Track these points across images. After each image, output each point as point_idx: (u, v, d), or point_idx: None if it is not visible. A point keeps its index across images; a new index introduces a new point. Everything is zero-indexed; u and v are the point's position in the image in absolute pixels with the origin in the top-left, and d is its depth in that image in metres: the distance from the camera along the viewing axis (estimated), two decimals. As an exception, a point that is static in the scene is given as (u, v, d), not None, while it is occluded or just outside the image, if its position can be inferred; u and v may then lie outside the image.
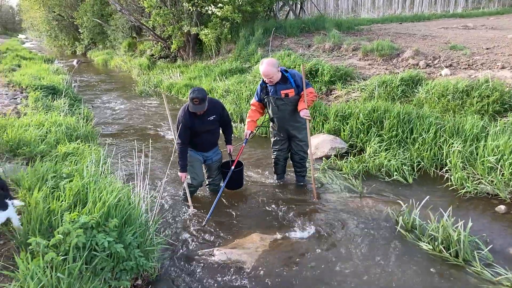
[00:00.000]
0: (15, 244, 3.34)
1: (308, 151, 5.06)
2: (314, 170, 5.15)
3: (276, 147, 5.28)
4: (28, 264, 2.75)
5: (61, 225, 3.04)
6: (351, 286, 3.44)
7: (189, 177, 4.94)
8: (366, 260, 3.78)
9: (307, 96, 4.73)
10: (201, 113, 4.52)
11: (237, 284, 3.51)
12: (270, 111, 5.04)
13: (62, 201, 3.53)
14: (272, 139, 5.33)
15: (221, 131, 5.02)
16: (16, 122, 6.24)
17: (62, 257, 2.85)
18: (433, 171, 5.62)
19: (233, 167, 4.90)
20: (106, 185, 3.80)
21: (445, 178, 5.39)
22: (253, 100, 5.09)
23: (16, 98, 9.46)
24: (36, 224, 3.28)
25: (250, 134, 5.10)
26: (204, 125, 4.62)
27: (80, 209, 3.40)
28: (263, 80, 4.85)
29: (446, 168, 5.48)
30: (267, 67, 4.61)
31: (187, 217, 4.73)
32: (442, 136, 5.83)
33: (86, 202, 3.53)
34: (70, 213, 3.18)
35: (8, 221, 3.54)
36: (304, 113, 4.69)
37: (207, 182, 5.27)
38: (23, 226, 3.36)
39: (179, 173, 4.72)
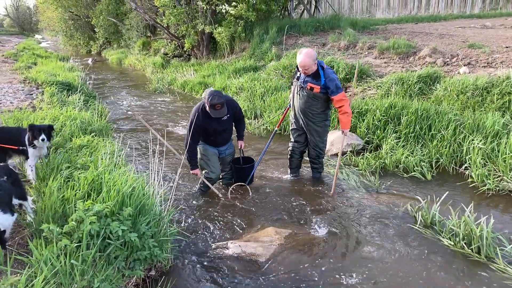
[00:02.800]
0: (29, 232, 3.32)
1: (338, 149, 4.98)
2: (331, 166, 5.04)
3: (293, 137, 5.23)
4: (42, 250, 2.72)
5: (75, 214, 3.01)
6: (368, 282, 3.34)
7: (206, 171, 4.90)
8: (384, 255, 3.68)
9: (342, 108, 4.69)
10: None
11: (251, 277, 3.44)
12: (291, 96, 5.05)
13: (76, 190, 3.50)
14: (290, 128, 5.29)
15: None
16: (31, 116, 6.26)
17: (76, 245, 2.82)
18: (452, 168, 5.49)
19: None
20: (120, 175, 3.76)
21: (465, 175, 5.26)
22: None
23: (31, 94, 9.54)
24: (50, 212, 3.26)
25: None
26: (218, 125, 4.63)
27: (94, 198, 3.38)
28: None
29: (466, 165, 5.34)
30: (304, 58, 4.52)
31: (202, 209, 4.68)
32: (462, 132, 5.70)
33: (100, 191, 3.50)
34: (84, 202, 3.15)
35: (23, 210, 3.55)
36: (344, 132, 4.92)
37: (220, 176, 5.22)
38: (37, 215, 3.34)
39: (192, 172, 4.74)
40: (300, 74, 4.83)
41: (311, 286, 3.31)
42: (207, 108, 4.42)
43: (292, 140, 5.24)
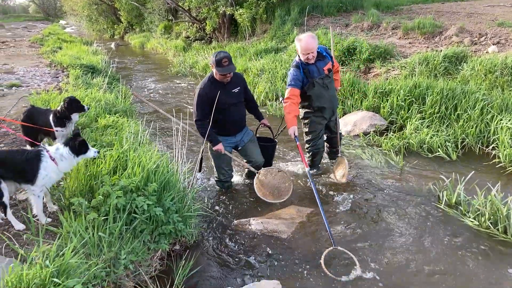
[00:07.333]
0: (59, 207, 3.43)
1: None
2: (353, 147, 4.96)
3: (320, 134, 4.74)
4: (72, 222, 2.81)
5: (102, 188, 3.09)
6: (389, 261, 3.34)
7: (216, 173, 4.61)
8: (406, 235, 3.66)
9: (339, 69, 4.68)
10: (228, 79, 4.03)
11: (273, 252, 3.49)
12: (315, 97, 4.44)
13: (102, 167, 3.59)
14: (308, 129, 4.74)
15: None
16: (58, 97, 6.41)
17: (103, 218, 2.91)
18: (479, 148, 5.37)
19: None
20: (145, 152, 3.84)
21: (492, 155, 5.14)
22: (291, 91, 4.31)
23: (57, 77, 9.76)
24: (78, 187, 3.36)
25: (297, 130, 4.32)
26: (229, 97, 4.11)
27: (120, 174, 3.46)
28: (299, 63, 4.34)
29: (493, 145, 5.22)
30: (309, 39, 4.14)
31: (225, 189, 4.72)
32: (489, 112, 5.55)
33: (126, 168, 3.58)
34: (110, 177, 3.24)
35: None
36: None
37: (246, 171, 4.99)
38: (66, 190, 3.45)
39: (215, 148, 4.16)
40: (309, 71, 4.32)
41: (332, 262, 3.32)
42: (214, 70, 3.96)
43: (318, 136, 4.72)
